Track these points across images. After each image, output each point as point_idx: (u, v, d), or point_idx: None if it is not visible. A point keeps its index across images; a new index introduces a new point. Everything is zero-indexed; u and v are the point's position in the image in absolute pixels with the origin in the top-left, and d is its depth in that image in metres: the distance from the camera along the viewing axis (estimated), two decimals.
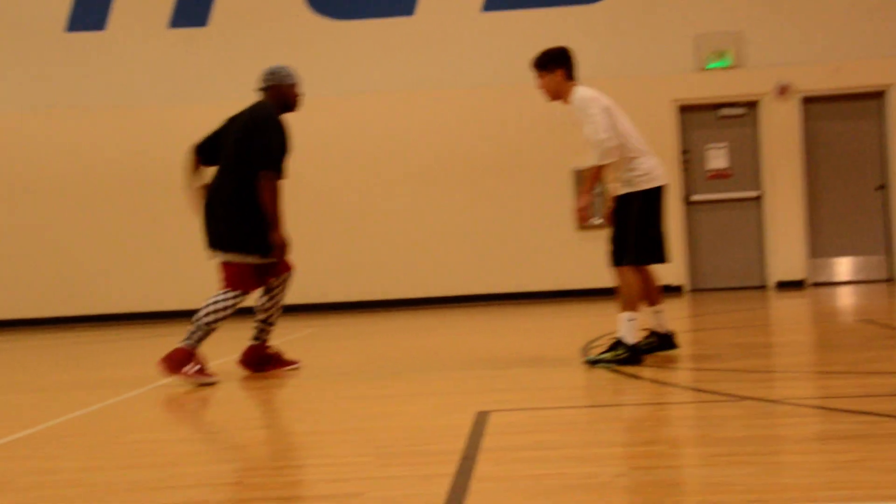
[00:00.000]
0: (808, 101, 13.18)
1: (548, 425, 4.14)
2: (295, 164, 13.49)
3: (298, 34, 13.76)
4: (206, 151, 6.33)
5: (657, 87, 12.96)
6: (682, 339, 7.40)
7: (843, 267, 13.47)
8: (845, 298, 11.10)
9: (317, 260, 13.62)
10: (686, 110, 13.08)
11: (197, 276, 11.68)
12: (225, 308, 6.01)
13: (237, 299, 6.08)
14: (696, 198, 13.32)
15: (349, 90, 13.66)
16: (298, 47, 13.69)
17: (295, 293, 13.67)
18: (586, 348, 6.77)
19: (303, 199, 13.66)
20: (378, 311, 13.22)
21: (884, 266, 13.32)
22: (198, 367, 5.90)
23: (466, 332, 9.42)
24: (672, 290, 13.00)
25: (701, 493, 2.88)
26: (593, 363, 5.70)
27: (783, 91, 13.04)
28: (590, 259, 13.16)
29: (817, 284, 13.18)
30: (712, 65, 13.07)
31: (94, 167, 13.76)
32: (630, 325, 5.68)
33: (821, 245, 13.30)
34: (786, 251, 13.05)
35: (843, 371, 5.14)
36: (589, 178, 5.74)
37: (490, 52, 13.58)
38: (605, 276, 13.26)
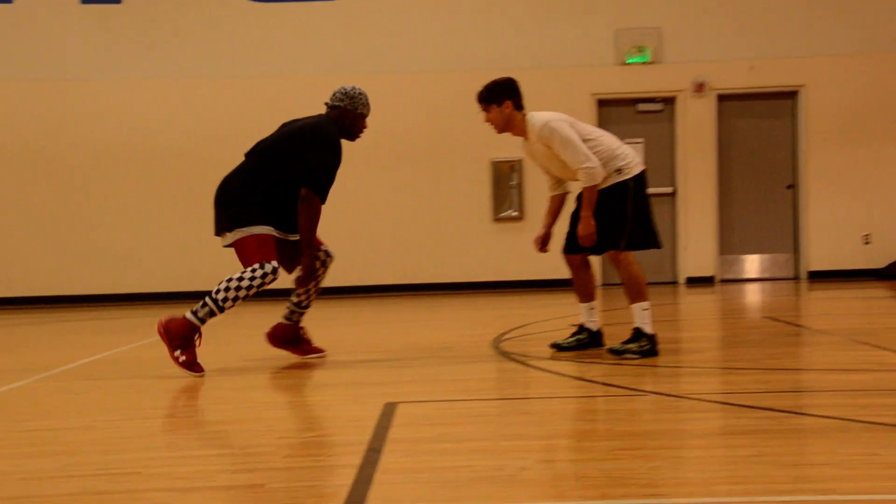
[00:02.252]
0: (724, 98, 13.40)
1: (455, 417, 4.13)
2: (214, 148, 13.39)
3: (217, 14, 13.53)
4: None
5: (577, 80, 13.04)
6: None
7: (752, 264, 13.74)
8: (753, 295, 11.33)
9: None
10: (605, 104, 13.20)
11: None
12: (240, 287, 5.47)
13: (261, 278, 5.51)
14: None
15: (270, 73, 13.47)
16: (216, 28, 13.47)
17: (208, 280, 13.56)
18: (497, 340, 6.78)
19: (214, 184, 13.45)
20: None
21: (791, 264, 13.63)
22: (185, 357, 5.45)
23: (378, 322, 9.38)
24: None
25: (604, 487, 2.89)
26: (619, 353, 5.60)
27: (699, 88, 13.24)
28: (505, 252, 13.22)
29: (726, 281, 13.43)
30: (632, 59, 13.20)
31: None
32: (646, 314, 5.66)
33: (731, 242, 13.55)
34: (697, 248, 13.27)
35: (746, 367, 5.23)
36: (588, 201, 5.61)
37: (413, 39, 13.51)
38: (518, 268, 13.40)
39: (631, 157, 5.74)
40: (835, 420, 3.74)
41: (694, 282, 13.20)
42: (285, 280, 5.96)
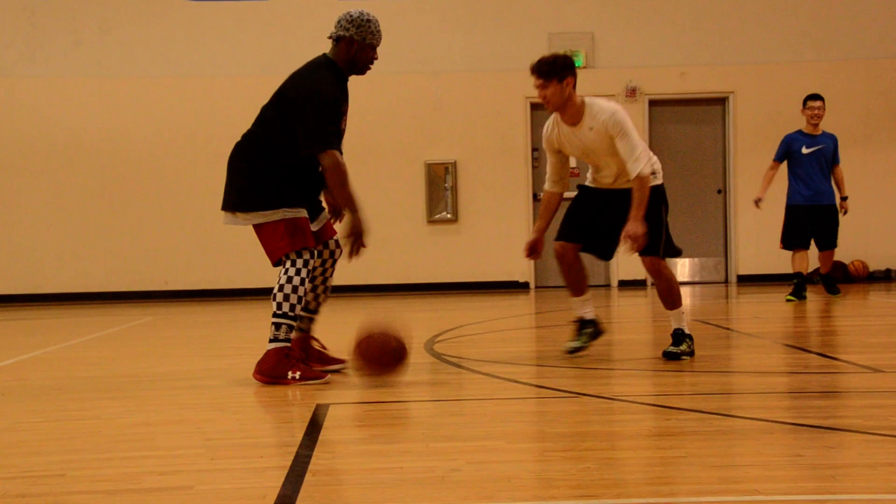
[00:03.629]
0: (655, 103, 13.57)
1: (387, 419, 4.12)
2: (140, 145, 13.20)
3: (147, 12, 13.33)
4: None
5: (510, 84, 13.09)
6: (527, 335, 7.51)
7: (683, 268, 13.93)
8: (684, 299, 11.45)
9: (162, 246, 13.25)
10: (537, 108, 13.26)
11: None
12: (295, 290, 5.02)
13: (303, 266, 5.07)
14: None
15: (200, 72, 13.32)
16: (146, 25, 13.28)
17: (134, 279, 13.40)
18: (431, 342, 6.78)
19: (147, 182, 13.26)
20: (224, 300, 12.95)
21: (722, 268, 13.84)
22: (298, 372, 4.95)
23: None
24: (520, 287, 13.18)
25: (533, 488, 2.90)
26: (675, 357, 5.49)
27: (632, 93, 13.39)
28: (438, 254, 13.23)
29: None
30: (581, 63, 13.29)
31: None
32: (684, 317, 5.67)
33: None
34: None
35: (676, 370, 5.29)
36: (640, 200, 5.36)
37: None
38: (452, 270, 13.42)
39: (658, 168, 5.69)
40: (761, 422, 3.80)
41: (626, 285, 13.34)
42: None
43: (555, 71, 5.42)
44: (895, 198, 13.45)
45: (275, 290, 5.08)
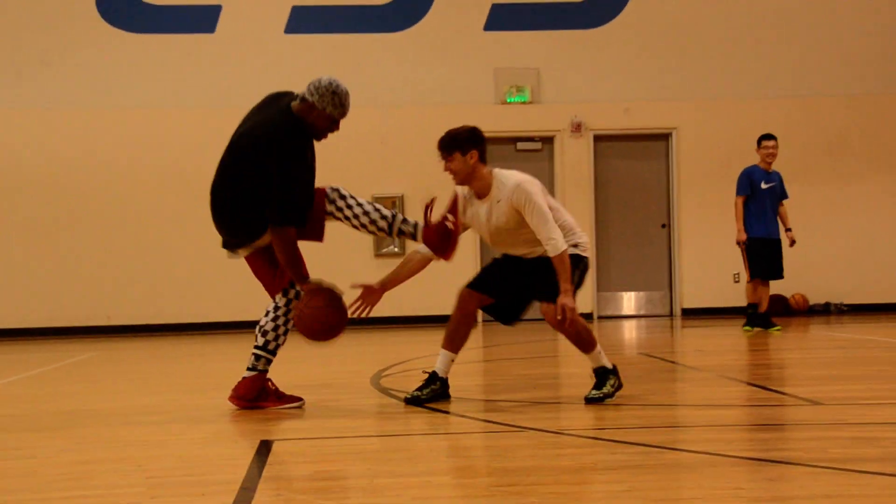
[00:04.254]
0: (600, 138, 13.72)
1: (332, 455, 4.08)
2: (83, 177, 13.04)
3: (89, 44, 13.21)
4: None
5: (457, 118, 12.87)
6: (473, 369, 7.51)
7: (629, 301, 14.05)
8: (629, 332, 11.56)
9: (105, 280, 13.07)
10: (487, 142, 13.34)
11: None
12: (281, 321, 5.23)
13: (287, 303, 5.27)
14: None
15: (144, 104, 13.21)
16: (88, 58, 13.17)
17: (76, 314, 13.17)
18: (377, 377, 6.74)
19: (90, 215, 13.09)
20: (169, 335, 12.79)
21: (667, 301, 13.97)
22: (279, 402, 5.22)
23: None
24: None
25: None
26: (598, 401, 5.26)
27: (577, 128, 13.53)
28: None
29: (603, 318, 13.68)
30: (511, 99, 13.41)
31: None
32: (601, 355, 5.42)
33: (608, 280, 13.81)
34: None
35: (622, 403, 5.31)
36: (564, 272, 5.19)
37: (292, 74, 13.42)
38: (400, 304, 13.35)
39: (585, 239, 5.55)
40: (704, 455, 3.83)
41: None
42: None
43: (457, 144, 5.38)
44: (833, 232, 13.70)
45: (263, 323, 5.23)
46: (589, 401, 5.30)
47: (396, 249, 13.19)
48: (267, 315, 5.28)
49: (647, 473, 3.46)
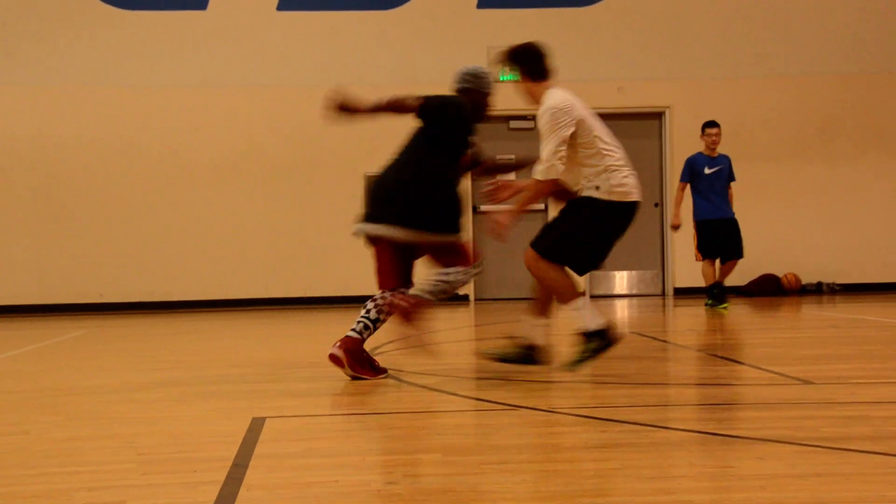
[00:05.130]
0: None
1: (324, 432, 4.08)
2: (75, 155, 12.99)
3: (82, 22, 13.14)
4: None
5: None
6: (467, 348, 7.51)
7: (622, 281, 14.07)
8: (621, 311, 11.58)
9: (98, 257, 13.06)
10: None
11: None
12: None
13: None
14: (483, 208, 13.58)
15: (137, 82, 13.16)
16: (80, 36, 13.10)
17: (69, 291, 13.15)
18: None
19: (83, 193, 13.06)
20: (161, 312, 12.79)
21: (659, 280, 14.00)
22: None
23: (250, 336, 9.23)
24: (459, 299, 13.19)
25: (470, 501, 2.90)
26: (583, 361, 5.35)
27: None
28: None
29: (596, 297, 13.70)
30: (505, 77, 13.33)
31: None
32: (583, 313, 5.35)
33: None
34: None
35: (614, 382, 5.33)
36: (525, 196, 5.44)
37: (284, 52, 13.40)
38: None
39: (620, 181, 5.58)
40: (694, 433, 3.84)
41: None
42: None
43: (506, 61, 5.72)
44: (826, 212, 13.73)
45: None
46: (568, 368, 5.37)
47: None
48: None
49: (638, 452, 3.47)
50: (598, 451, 3.57)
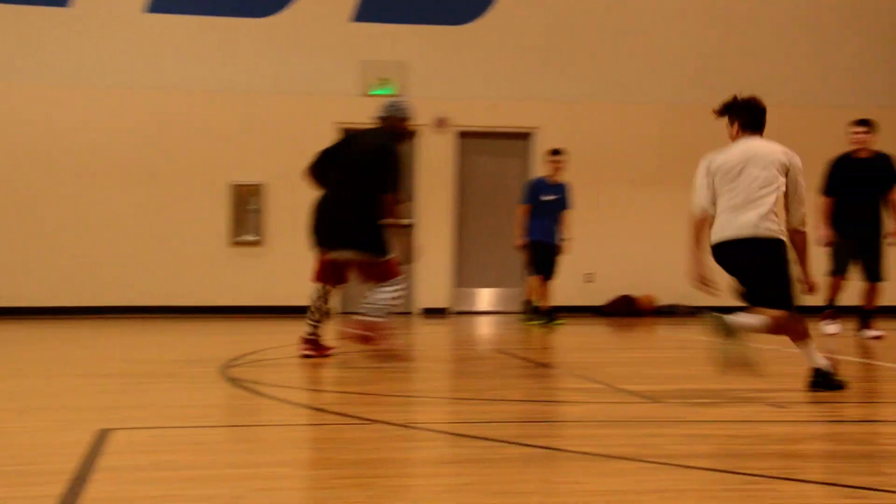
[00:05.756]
0: (464, 135, 13.82)
1: (172, 445, 3.99)
2: None
3: (20, 16, 12.59)
4: (323, 165, 7.14)
5: (319, 108, 13.02)
6: (331, 361, 7.45)
7: (485, 297, 14.20)
8: (483, 328, 11.71)
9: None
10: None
11: None
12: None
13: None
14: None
15: (78, 83, 12.68)
16: (20, 31, 12.58)
17: (28, 296, 12.46)
18: (227, 366, 6.63)
19: None
20: (15, 318, 12.27)
21: (520, 298, 14.17)
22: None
23: (101, 345, 8.96)
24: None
25: None
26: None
27: (441, 123, 13.59)
28: (242, 276, 13.00)
29: (460, 313, 13.79)
30: (376, 91, 13.35)
31: None
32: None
33: (466, 275, 13.94)
34: (433, 279, 13.52)
35: (471, 398, 5.37)
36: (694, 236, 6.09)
37: (150, 55, 13.09)
38: (256, 294, 13.17)
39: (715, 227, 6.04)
40: (545, 449, 3.90)
41: (429, 312, 13.47)
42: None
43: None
44: (683, 236, 14.15)
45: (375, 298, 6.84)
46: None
47: (254, 238, 13.02)
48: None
49: (489, 467, 3.51)
50: (450, 466, 3.59)
